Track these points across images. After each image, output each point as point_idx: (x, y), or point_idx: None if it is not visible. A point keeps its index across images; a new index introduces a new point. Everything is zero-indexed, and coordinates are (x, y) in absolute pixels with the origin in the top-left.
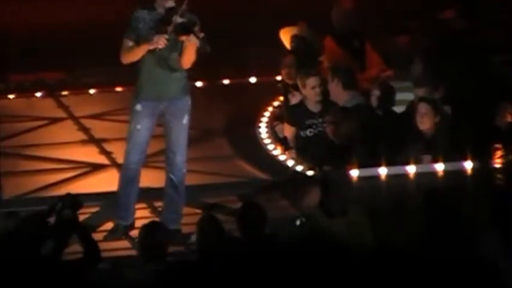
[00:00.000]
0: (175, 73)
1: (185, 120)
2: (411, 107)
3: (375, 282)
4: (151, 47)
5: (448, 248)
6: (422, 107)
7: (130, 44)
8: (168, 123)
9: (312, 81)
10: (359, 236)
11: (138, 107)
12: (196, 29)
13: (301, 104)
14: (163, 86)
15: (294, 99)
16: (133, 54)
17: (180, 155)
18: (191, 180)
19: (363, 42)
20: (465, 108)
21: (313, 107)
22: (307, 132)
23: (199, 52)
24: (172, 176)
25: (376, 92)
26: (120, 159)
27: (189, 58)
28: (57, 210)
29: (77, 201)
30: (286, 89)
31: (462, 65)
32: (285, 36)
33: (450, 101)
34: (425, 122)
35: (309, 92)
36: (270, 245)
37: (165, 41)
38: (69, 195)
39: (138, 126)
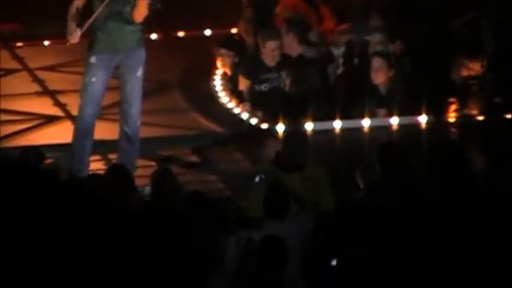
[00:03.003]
0: (129, 26)
1: (139, 72)
2: (366, 61)
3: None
4: None
5: (403, 201)
6: (376, 61)
7: None
8: (123, 76)
9: (271, 44)
10: (315, 192)
11: (93, 59)
12: None
13: (257, 58)
14: (117, 38)
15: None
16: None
17: (135, 107)
18: (146, 132)
19: None
20: (421, 62)
21: (269, 61)
22: (262, 87)
23: (151, 8)
24: (126, 129)
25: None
26: (74, 111)
27: (140, 12)
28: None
29: (40, 153)
30: (242, 43)
31: (418, 20)
32: None
33: (406, 55)
34: (379, 76)
35: (268, 53)
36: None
37: None
38: (32, 148)
39: (93, 79)
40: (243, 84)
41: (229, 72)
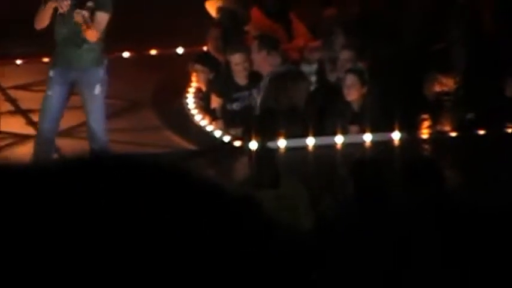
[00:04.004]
0: (85, 44)
1: (97, 90)
2: (339, 78)
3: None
4: (53, 5)
5: (377, 219)
6: (349, 79)
7: (43, 6)
8: (81, 94)
9: (237, 58)
10: (291, 210)
11: (51, 73)
12: (89, 4)
13: (229, 76)
14: (73, 55)
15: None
16: (40, 15)
17: (98, 124)
18: (119, 150)
19: (288, 13)
20: (393, 78)
21: (240, 80)
22: (234, 106)
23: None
24: (93, 145)
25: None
26: None
27: (89, 34)
28: None
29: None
30: (212, 61)
31: (387, 36)
32: (211, 7)
33: (378, 72)
34: (352, 93)
35: (234, 68)
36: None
37: (68, 5)
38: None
39: (50, 93)
40: (216, 102)
41: (204, 88)
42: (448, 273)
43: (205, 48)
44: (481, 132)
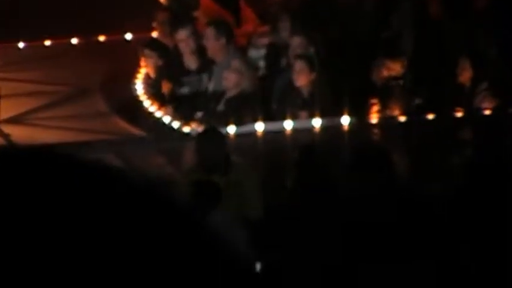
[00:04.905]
0: None
1: None
2: (288, 64)
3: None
4: None
5: (325, 205)
6: (298, 64)
7: None
8: None
9: (182, 34)
10: (240, 197)
11: None
12: None
13: (178, 61)
14: None
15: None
16: None
17: None
18: (66, 137)
19: None
20: (342, 64)
21: (190, 63)
22: (183, 90)
23: None
24: None
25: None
26: None
27: None
28: None
29: None
30: (161, 47)
31: (335, 21)
32: None
33: (327, 58)
34: (301, 79)
35: (180, 46)
36: None
37: None
38: None
39: None
40: (166, 87)
41: (152, 74)
42: (398, 259)
43: (153, 34)
44: (430, 116)
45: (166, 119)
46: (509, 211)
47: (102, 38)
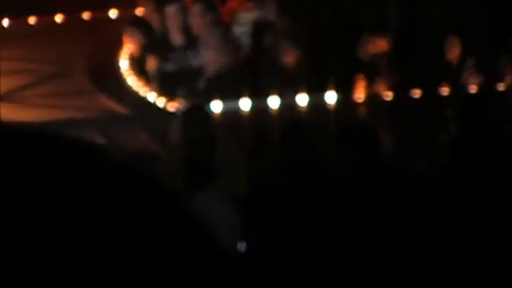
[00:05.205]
0: None
1: None
2: (273, 40)
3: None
4: None
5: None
6: (284, 42)
7: None
8: None
9: (171, 9)
10: (226, 174)
11: None
12: None
13: (163, 37)
14: None
15: None
16: None
17: None
18: (50, 115)
19: None
20: (328, 41)
21: (175, 39)
22: (168, 66)
23: None
24: None
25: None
26: None
27: None
28: None
29: None
30: (145, 24)
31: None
32: None
33: (313, 35)
34: (287, 56)
35: (168, 22)
36: None
37: None
38: None
39: None
40: (150, 64)
41: (136, 52)
42: (384, 236)
43: (138, 11)
44: (416, 93)
45: (151, 97)
46: (495, 186)
47: (86, 16)
